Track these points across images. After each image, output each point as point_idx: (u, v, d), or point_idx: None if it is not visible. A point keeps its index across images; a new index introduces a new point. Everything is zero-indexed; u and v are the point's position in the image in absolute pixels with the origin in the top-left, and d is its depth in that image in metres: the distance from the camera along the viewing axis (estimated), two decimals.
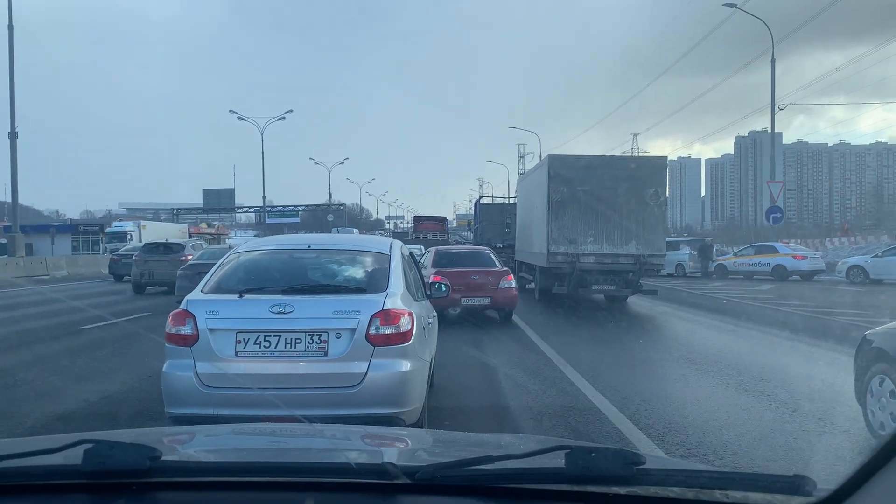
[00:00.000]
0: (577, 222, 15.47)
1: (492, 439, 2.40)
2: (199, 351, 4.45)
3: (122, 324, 12.34)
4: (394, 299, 4.67)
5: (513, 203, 36.49)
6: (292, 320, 4.46)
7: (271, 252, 5.58)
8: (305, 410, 3.68)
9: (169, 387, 4.55)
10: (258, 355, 4.43)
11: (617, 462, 1.42)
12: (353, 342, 4.44)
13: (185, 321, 4.53)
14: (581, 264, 15.39)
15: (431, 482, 1.42)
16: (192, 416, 4.33)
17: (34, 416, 5.99)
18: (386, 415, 4.37)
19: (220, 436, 2.37)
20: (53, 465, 1.46)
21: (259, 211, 70.80)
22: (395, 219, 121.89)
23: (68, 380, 7.56)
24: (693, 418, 5.96)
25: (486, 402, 6.58)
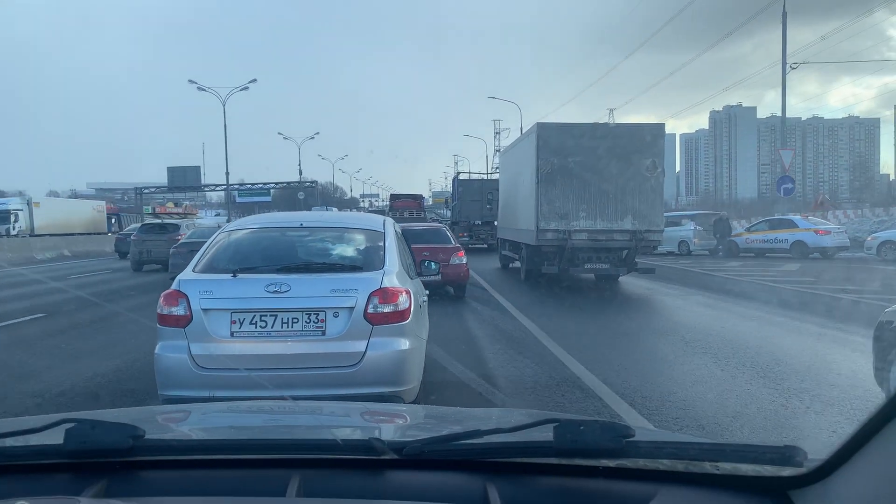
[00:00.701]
0: (568, 196, 14.30)
1: (481, 414, 2.48)
2: (192, 332, 4.32)
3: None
4: (391, 277, 4.57)
5: (493, 179, 35.48)
6: (289, 299, 4.33)
7: (263, 230, 5.40)
8: (304, 391, 3.81)
9: (162, 368, 4.42)
10: (254, 335, 4.31)
11: (606, 435, 1.39)
12: (351, 321, 4.34)
13: (177, 301, 4.37)
14: (573, 241, 14.25)
15: (419, 457, 1.41)
16: (187, 398, 4.17)
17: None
18: (385, 394, 4.30)
19: (207, 414, 2.30)
20: (36, 444, 1.44)
21: (227, 189, 68.54)
22: (370, 197, 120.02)
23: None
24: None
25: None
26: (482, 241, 31.16)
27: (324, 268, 4.77)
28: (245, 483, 1.43)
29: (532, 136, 14.80)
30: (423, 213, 51.51)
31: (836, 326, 9.35)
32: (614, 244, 14.41)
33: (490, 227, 31.07)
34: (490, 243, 30.35)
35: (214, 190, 67.24)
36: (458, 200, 32.45)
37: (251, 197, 70.14)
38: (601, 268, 14.65)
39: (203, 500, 1.37)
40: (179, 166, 57.42)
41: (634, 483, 1.40)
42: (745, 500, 1.33)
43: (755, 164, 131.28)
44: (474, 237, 31.38)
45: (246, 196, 69.98)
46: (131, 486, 1.40)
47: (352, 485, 1.41)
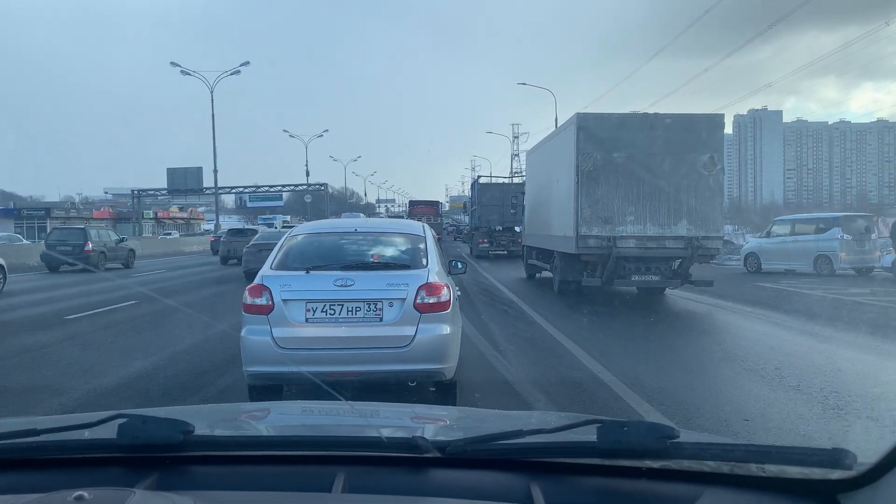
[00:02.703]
0: (613, 197, 12.33)
1: (523, 416, 2.58)
2: (274, 318, 5.10)
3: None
4: (434, 274, 5.37)
5: (514, 183, 33.62)
6: (353, 292, 5.12)
7: (324, 235, 6.23)
8: (364, 367, 5.03)
9: (248, 348, 5.16)
10: (325, 321, 5.11)
11: (650, 436, 1.37)
12: (403, 310, 5.12)
13: (261, 293, 5.17)
14: (619, 250, 12.27)
15: (462, 456, 1.41)
16: (269, 373, 5.13)
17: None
18: (430, 370, 5.14)
19: (254, 412, 2.39)
20: (89, 438, 1.48)
21: (236, 193, 65.74)
22: (386, 202, 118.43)
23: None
24: None
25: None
26: (502, 248, 29.49)
27: (380, 266, 5.57)
28: (292, 479, 1.42)
29: (570, 129, 12.83)
30: (439, 218, 51.03)
31: None
32: (666, 253, 12.43)
33: (511, 232, 29.28)
34: (511, 250, 28.65)
35: (221, 192, 65.11)
36: (478, 205, 30.68)
37: (262, 201, 67.84)
38: (651, 280, 12.65)
39: (251, 495, 1.36)
40: (180, 167, 53.99)
41: (678, 484, 1.37)
42: (792, 503, 1.30)
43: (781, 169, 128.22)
44: (495, 243, 29.68)
45: (257, 200, 67.62)
46: (181, 479, 1.40)
47: (396, 482, 1.41)
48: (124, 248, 26.21)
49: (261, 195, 64.93)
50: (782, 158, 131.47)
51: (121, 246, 25.96)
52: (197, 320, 10.65)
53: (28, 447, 1.46)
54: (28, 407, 5.78)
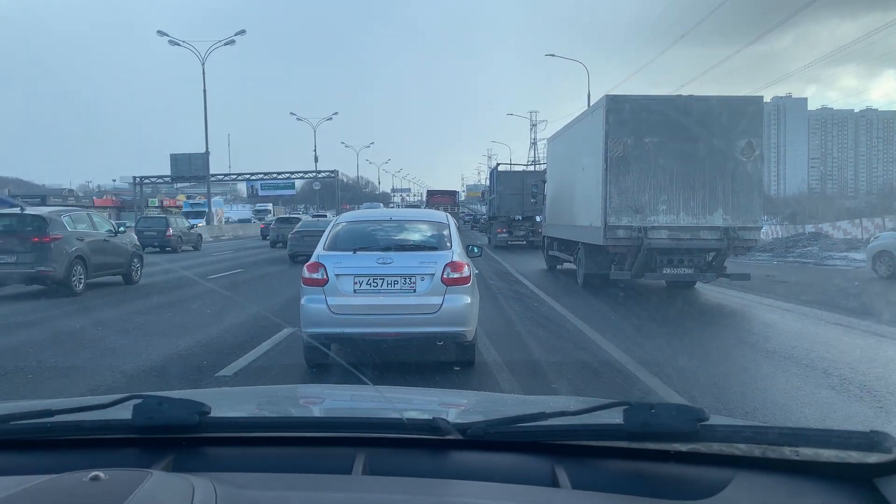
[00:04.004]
0: (644, 185, 11.57)
1: (546, 400, 2.60)
2: (329, 289, 6.17)
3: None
4: (457, 254, 6.44)
5: (534, 171, 32.76)
6: (392, 268, 6.20)
7: (366, 222, 7.38)
8: (401, 328, 6.13)
9: (307, 314, 6.23)
10: (370, 292, 6.17)
11: (679, 418, 1.32)
12: (433, 283, 6.17)
13: (318, 269, 6.25)
14: (650, 241, 11.52)
15: (483, 438, 1.39)
16: (325, 333, 6.21)
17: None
18: (455, 332, 6.20)
19: (273, 395, 2.33)
20: (105, 419, 1.46)
21: (247, 181, 63.91)
22: (402, 191, 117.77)
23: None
24: None
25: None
26: (521, 238, 28.70)
27: (413, 247, 6.58)
28: (311, 460, 1.40)
29: (599, 112, 12.06)
30: (457, 207, 50.66)
31: None
32: (701, 244, 11.66)
33: (531, 222, 28.50)
34: (531, 240, 27.90)
35: (227, 180, 63.65)
36: (496, 194, 29.87)
37: (274, 190, 66.75)
38: (684, 273, 11.88)
39: (269, 477, 1.33)
40: (183, 153, 50.14)
41: (708, 468, 1.34)
42: (827, 487, 1.27)
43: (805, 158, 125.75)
44: (514, 233, 28.89)
45: (269, 189, 66.50)
46: (198, 461, 1.38)
47: (417, 464, 1.38)
48: (195, 233, 30.98)
49: (273, 183, 63.43)
50: (807, 147, 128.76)
51: (192, 231, 30.70)
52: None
53: (43, 427, 1.44)
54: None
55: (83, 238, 13.25)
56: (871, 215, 28.19)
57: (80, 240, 13.12)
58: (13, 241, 12.35)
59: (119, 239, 14.57)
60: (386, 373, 6.12)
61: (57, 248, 12.41)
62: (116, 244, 14.37)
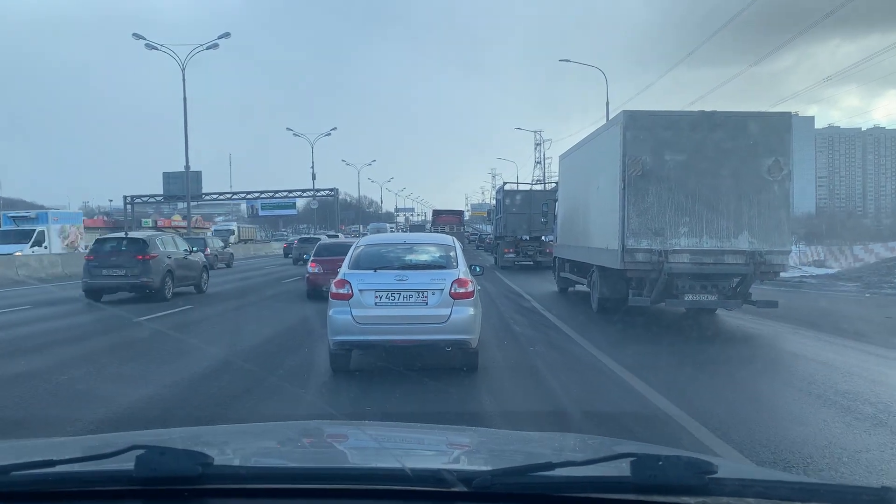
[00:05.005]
0: (665, 206, 10.87)
1: (552, 441, 2.37)
2: (353, 303, 7.06)
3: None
4: (462, 273, 7.37)
5: (542, 190, 32.18)
6: (407, 284, 7.14)
7: (384, 245, 8.53)
8: (415, 336, 7.07)
9: (334, 324, 7.11)
10: (388, 304, 7.08)
11: (687, 471, 1.32)
12: (442, 297, 7.07)
13: (344, 286, 7.16)
14: (671, 266, 10.79)
15: (489, 490, 1.35)
16: (350, 341, 7.16)
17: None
18: (461, 339, 7.07)
19: (275, 438, 2.29)
20: (108, 470, 1.47)
21: (246, 200, 62.53)
22: (405, 211, 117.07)
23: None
24: None
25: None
26: (529, 258, 28.03)
27: (425, 266, 7.65)
28: None
29: (616, 129, 11.40)
30: (462, 227, 50.29)
31: None
32: (725, 269, 10.92)
33: (538, 242, 27.88)
34: (538, 260, 27.25)
35: (223, 200, 61.98)
36: (503, 213, 29.22)
37: (275, 210, 65.40)
38: (707, 300, 11.14)
39: None
40: (176, 171, 47.68)
41: None
42: None
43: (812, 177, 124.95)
44: (521, 253, 28.23)
45: (269, 209, 65.16)
46: None
47: None
48: (228, 252, 33.52)
49: (273, 203, 62.11)
50: (814, 166, 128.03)
51: (225, 251, 32.98)
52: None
53: (45, 479, 1.42)
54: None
55: (171, 256, 16.59)
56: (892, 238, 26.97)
57: (169, 257, 16.44)
58: (122, 258, 15.70)
59: (193, 257, 18.16)
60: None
61: (154, 263, 15.71)
62: (192, 261, 17.89)
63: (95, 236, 30.32)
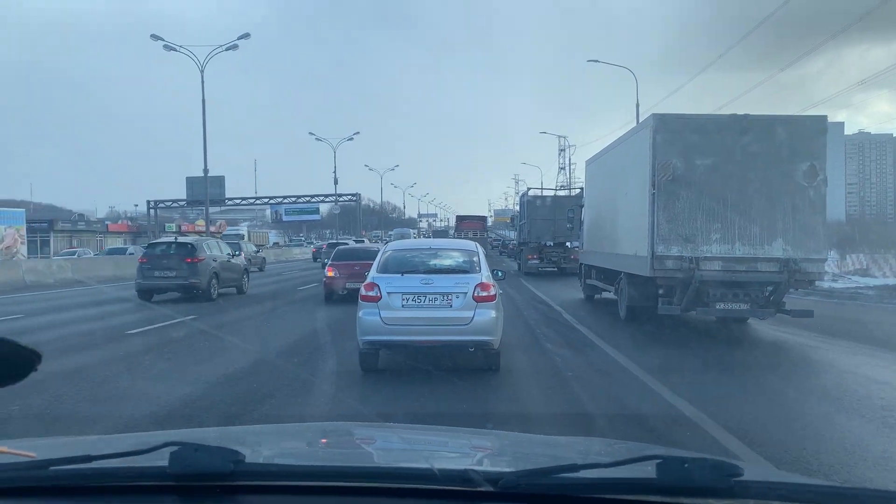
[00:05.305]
0: (696, 211, 10.60)
1: (577, 444, 2.40)
2: (382, 305, 7.38)
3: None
4: (485, 277, 7.69)
5: (567, 196, 31.87)
6: (433, 287, 7.45)
7: (410, 250, 8.87)
8: (440, 336, 7.38)
9: (364, 324, 7.46)
10: (415, 307, 7.40)
11: (713, 473, 1.31)
12: (465, 300, 7.35)
13: (373, 289, 7.49)
14: (702, 273, 10.51)
15: (515, 490, 1.37)
16: (378, 341, 7.49)
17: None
18: (483, 340, 7.35)
19: (305, 437, 2.36)
20: (142, 466, 1.49)
21: (271, 206, 63.01)
22: (428, 216, 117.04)
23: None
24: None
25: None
26: (553, 265, 27.74)
27: (449, 270, 7.96)
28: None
29: (645, 133, 11.15)
30: (486, 233, 50.13)
31: None
32: (758, 277, 10.61)
33: (563, 248, 27.59)
34: (563, 266, 26.95)
35: (244, 204, 62.19)
36: (527, 219, 28.96)
37: (299, 215, 65.52)
38: (739, 309, 10.82)
39: None
40: (199, 176, 46.72)
41: None
42: None
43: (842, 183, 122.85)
44: (545, 259, 27.93)
45: (293, 214, 65.29)
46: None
47: None
48: (260, 256, 34.48)
49: (297, 208, 62.25)
50: (844, 172, 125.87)
51: (258, 255, 33.72)
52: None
53: (83, 473, 1.46)
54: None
55: (216, 259, 17.84)
56: None
57: (215, 260, 17.68)
58: (172, 261, 16.80)
59: (236, 260, 19.43)
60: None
61: (202, 266, 16.92)
62: (234, 264, 19.14)
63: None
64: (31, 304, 16.42)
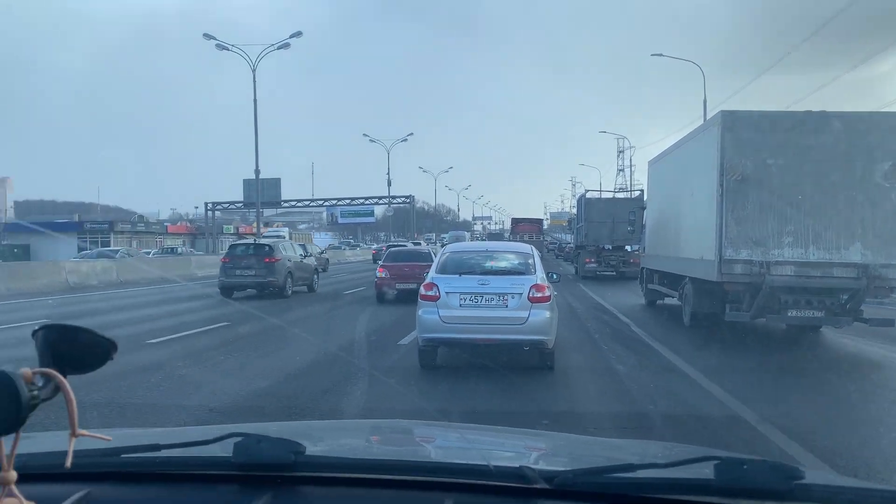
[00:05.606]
0: (767, 214, 10.12)
1: (632, 446, 2.39)
2: (440, 304, 7.73)
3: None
4: (540, 278, 8.01)
5: (625, 198, 31.23)
6: (489, 288, 7.77)
7: (468, 252, 9.45)
8: (495, 335, 7.68)
9: (423, 323, 7.82)
10: (472, 306, 7.70)
11: (773, 475, 1.26)
12: (521, 300, 7.61)
13: (432, 288, 7.85)
14: (773, 278, 10.02)
15: (570, 488, 1.37)
16: (437, 339, 7.84)
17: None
18: (538, 339, 7.59)
19: (362, 433, 2.40)
20: (207, 456, 1.54)
21: (326, 208, 63.37)
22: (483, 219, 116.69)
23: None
24: None
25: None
26: (611, 268, 27.16)
27: (505, 272, 8.27)
28: (401, 502, 1.45)
29: (713, 131, 10.71)
30: (542, 236, 49.63)
31: None
32: (833, 283, 10.05)
33: (621, 251, 27.02)
34: (621, 270, 26.37)
35: (296, 207, 62.41)
36: (584, 222, 28.42)
37: (354, 217, 65.91)
38: (813, 316, 10.28)
39: None
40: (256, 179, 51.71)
41: None
42: None
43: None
44: (603, 263, 27.37)
45: (348, 217, 65.75)
46: (293, 499, 1.44)
47: None
48: (324, 257, 34.82)
49: (352, 210, 62.63)
50: None
51: (321, 256, 34.13)
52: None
53: (151, 462, 1.51)
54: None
55: (290, 259, 19.35)
56: None
57: (289, 260, 19.16)
58: (252, 260, 18.32)
59: (307, 260, 21.05)
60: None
61: (279, 265, 18.33)
62: (306, 264, 20.68)
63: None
64: (75, 307, 16.86)
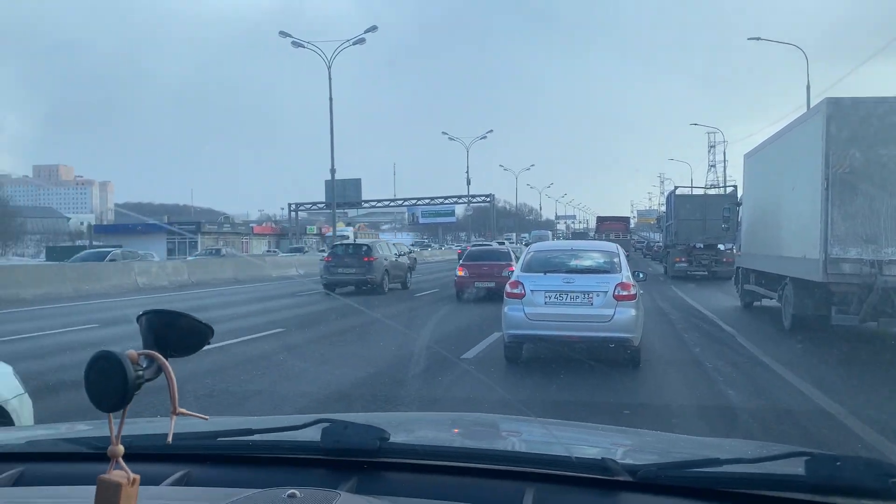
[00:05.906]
0: (878, 209, 9.36)
1: (718, 443, 2.32)
2: (526, 301, 7.92)
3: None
4: (625, 276, 8.07)
5: (717, 195, 29.92)
6: (574, 286, 7.88)
7: (552, 251, 9.53)
8: (581, 333, 7.80)
9: (509, 319, 8.02)
10: (557, 304, 7.82)
11: (868, 472, 1.22)
12: (606, 299, 7.68)
13: (518, 286, 8.07)
14: (885, 279, 9.23)
15: (654, 481, 1.33)
16: (522, 335, 8.07)
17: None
18: (623, 337, 7.65)
19: (445, 424, 2.44)
20: (297, 440, 1.59)
21: (407, 208, 63.97)
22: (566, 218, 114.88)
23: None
24: None
25: None
26: (703, 268, 26.04)
27: (590, 270, 8.34)
28: (482, 491, 1.42)
29: (818, 119, 9.96)
30: (629, 234, 48.35)
31: None
32: None
33: (713, 250, 25.86)
34: (713, 270, 25.29)
35: (376, 207, 62.81)
36: (674, 220, 27.36)
37: (435, 217, 65.98)
38: None
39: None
40: (338, 179, 47.89)
41: None
42: None
43: None
44: (694, 262, 26.26)
45: (429, 217, 65.88)
46: (377, 484, 1.44)
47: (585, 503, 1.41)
48: (413, 256, 36.33)
49: (432, 210, 62.72)
50: None
51: (410, 255, 35.64)
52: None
53: (245, 445, 1.61)
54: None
55: (387, 258, 21.01)
56: None
57: (386, 259, 20.87)
58: (352, 259, 20.22)
59: (401, 259, 22.64)
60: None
61: (377, 264, 20.06)
62: (400, 262, 22.38)
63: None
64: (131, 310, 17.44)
